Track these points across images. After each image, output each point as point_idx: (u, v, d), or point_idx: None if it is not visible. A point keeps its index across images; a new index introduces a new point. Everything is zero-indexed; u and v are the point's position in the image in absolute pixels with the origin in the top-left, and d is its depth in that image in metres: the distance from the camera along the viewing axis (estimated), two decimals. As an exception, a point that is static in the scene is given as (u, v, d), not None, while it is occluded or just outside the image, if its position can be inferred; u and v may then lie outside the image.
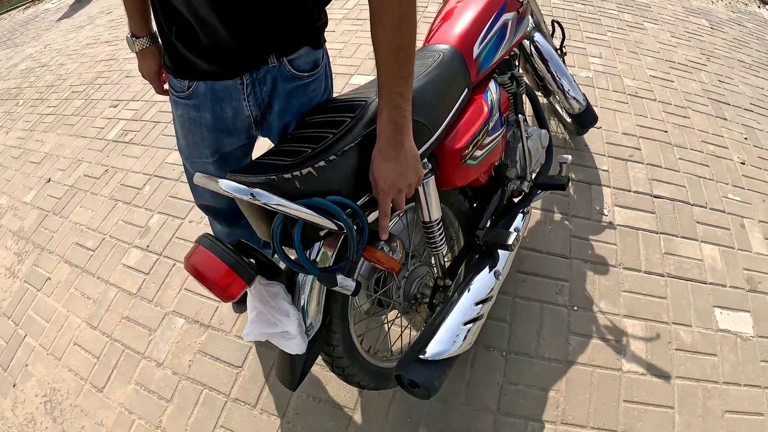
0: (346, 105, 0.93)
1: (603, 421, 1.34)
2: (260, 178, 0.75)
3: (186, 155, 1.08)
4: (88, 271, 1.91)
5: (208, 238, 0.79)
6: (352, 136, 0.84)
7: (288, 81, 0.93)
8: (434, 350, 0.97)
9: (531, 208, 1.44)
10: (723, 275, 1.68)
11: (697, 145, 2.15)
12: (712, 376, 1.45)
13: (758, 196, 1.96)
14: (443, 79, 1.05)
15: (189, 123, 0.98)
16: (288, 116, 0.98)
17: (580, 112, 1.88)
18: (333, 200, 0.79)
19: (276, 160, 0.82)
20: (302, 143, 0.85)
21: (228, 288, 0.76)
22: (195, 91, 0.92)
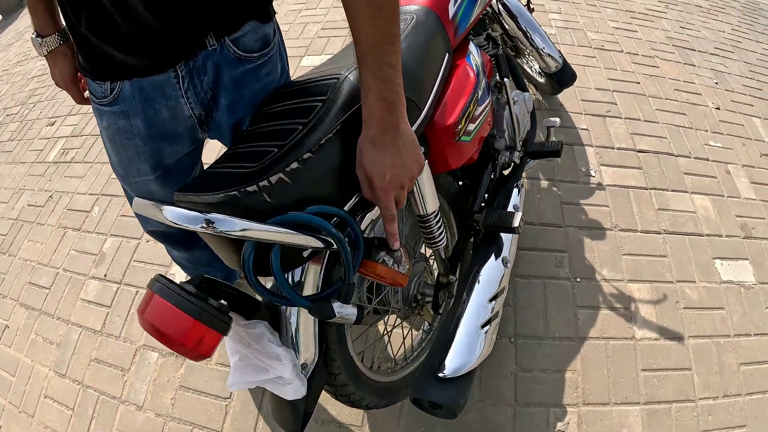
0: (313, 86, 0.74)
1: (625, 394, 1.26)
2: (217, 197, 0.57)
3: (122, 175, 0.87)
4: (47, 312, 1.68)
5: (162, 282, 0.60)
6: (327, 124, 0.65)
7: (234, 66, 0.74)
8: (454, 365, 0.83)
9: (524, 180, 1.30)
10: (717, 225, 1.62)
11: (671, 94, 2.07)
12: (722, 330, 1.39)
13: (738, 140, 1.91)
14: (423, 45, 0.87)
15: (119, 135, 0.78)
16: (240, 110, 0.79)
17: (557, 71, 1.74)
18: (315, 211, 0.62)
19: (234, 168, 0.63)
20: (264, 141, 0.67)
21: (198, 346, 0.57)
22: (120, 95, 0.72)
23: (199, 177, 0.68)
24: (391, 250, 0.70)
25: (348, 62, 0.75)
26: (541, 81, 1.92)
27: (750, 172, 1.80)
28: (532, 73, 1.95)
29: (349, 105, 0.67)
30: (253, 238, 0.57)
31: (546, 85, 1.90)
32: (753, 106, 2.09)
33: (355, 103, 0.67)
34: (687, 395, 1.27)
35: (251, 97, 0.79)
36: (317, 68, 0.85)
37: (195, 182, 0.65)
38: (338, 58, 0.88)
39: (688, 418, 1.24)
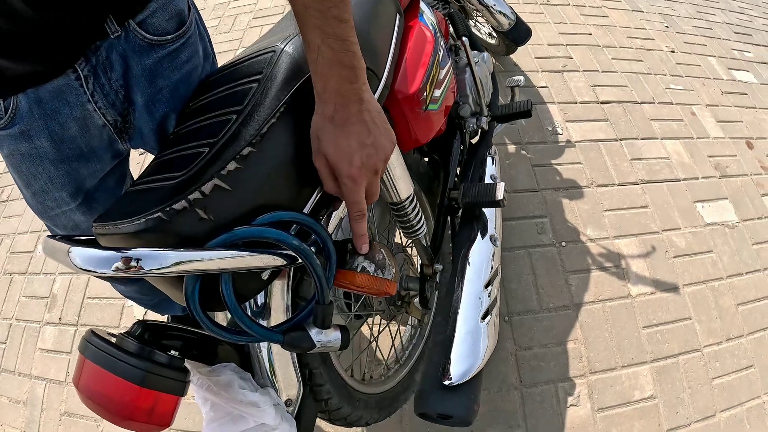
0: (244, 67, 0.58)
1: (630, 356, 1.17)
2: (136, 224, 0.42)
3: (39, 210, 0.70)
4: (6, 369, 1.48)
5: (93, 341, 0.46)
6: (267, 107, 0.50)
7: (145, 54, 0.58)
8: (460, 370, 0.70)
9: (495, 147, 1.17)
10: (692, 168, 1.54)
11: (624, 42, 1.98)
12: (715, 273, 1.31)
13: (697, 81, 1.84)
14: (370, 5, 0.72)
15: (24, 162, 0.61)
16: (160, 108, 0.62)
17: (511, 28, 1.60)
18: (266, 221, 0.47)
19: (158, 181, 0.48)
20: (193, 142, 0.51)
21: (150, 417, 0.44)
22: (16, 113, 0.56)
23: (121, 199, 0.52)
24: (369, 255, 0.55)
25: (285, 34, 0.59)
26: (492, 42, 1.78)
27: (714, 110, 1.73)
28: (482, 35, 1.81)
29: (291, 80, 0.52)
30: (192, 271, 0.42)
31: (498, 46, 1.77)
32: (706, 45, 2.03)
33: (299, 77, 0.52)
34: (692, 345, 1.19)
35: (172, 90, 0.62)
36: (248, 47, 0.68)
37: (116, 207, 0.50)
38: (272, 32, 0.71)
39: (697, 368, 1.16)
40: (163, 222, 0.42)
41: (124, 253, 0.40)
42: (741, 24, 2.30)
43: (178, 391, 0.46)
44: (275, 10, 2.33)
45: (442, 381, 0.69)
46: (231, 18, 2.43)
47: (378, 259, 0.55)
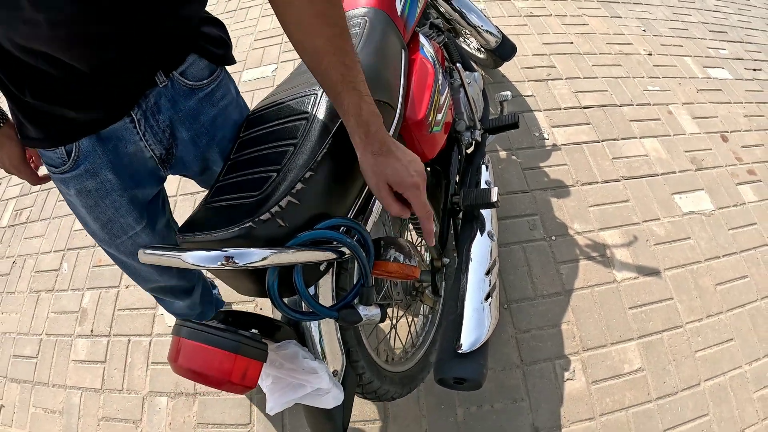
0: (291, 106, 0.75)
1: (618, 333, 1.32)
2: (231, 231, 0.57)
3: (106, 240, 0.82)
4: (40, 382, 1.61)
5: (189, 326, 0.60)
6: (317, 141, 0.67)
7: (188, 97, 0.74)
8: (470, 340, 0.87)
9: (488, 155, 1.34)
10: (670, 163, 1.71)
11: (604, 48, 2.17)
12: (694, 257, 1.48)
13: (674, 81, 2.02)
14: (382, 47, 0.90)
15: (92, 197, 0.74)
16: (203, 140, 0.78)
17: (497, 46, 1.80)
18: (326, 226, 0.63)
19: (236, 200, 0.64)
20: (257, 167, 0.67)
21: (244, 379, 0.58)
22: (80, 154, 0.69)
23: (199, 214, 0.66)
24: (397, 246, 0.72)
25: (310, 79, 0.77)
26: (481, 57, 1.97)
27: (690, 108, 1.91)
28: (472, 51, 2.00)
29: (332, 120, 0.69)
30: (276, 263, 0.57)
31: (487, 60, 1.96)
32: (682, 46, 2.22)
33: (338, 118, 0.68)
34: (674, 322, 1.35)
35: (211, 125, 0.78)
36: (283, 89, 0.86)
37: (195, 221, 0.64)
38: (294, 78, 0.89)
39: (680, 342, 1.31)
40: (252, 229, 0.57)
41: (227, 251, 0.54)
42: (716, 22, 2.50)
43: (262, 357, 0.60)
44: (275, 31, 2.52)
45: (456, 350, 0.86)
46: (233, 40, 2.61)
47: (405, 250, 0.73)
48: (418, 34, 1.14)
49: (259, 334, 0.64)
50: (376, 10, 0.98)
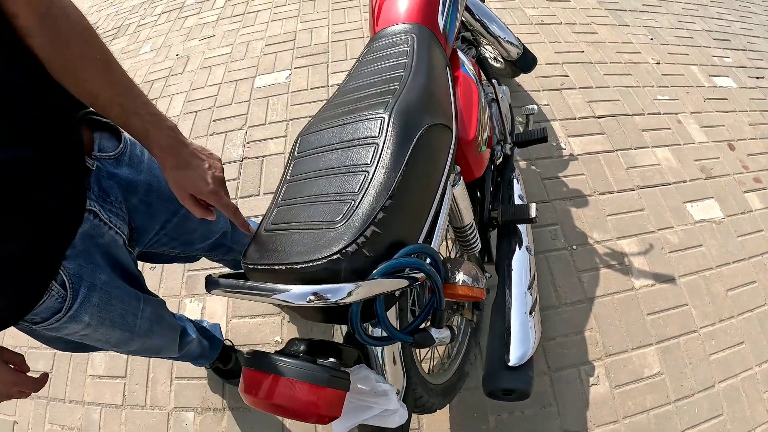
0: (354, 127, 0.78)
1: (638, 339, 1.45)
2: (318, 264, 0.59)
3: (127, 338, 0.84)
4: (56, 398, 1.63)
5: (266, 358, 0.60)
6: (392, 165, 0.69)
7: (117, 167, 0.76)
8: (518, 354, 0.97)
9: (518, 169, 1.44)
10: (680, 172, 1.84)
11: (614, 57, 2.29)
12: (705, 264, 1.61)
13: (681, 90, 2.15)
14: (433, 67, 0.94)
15: (104, 308, 0.74)
16: (153, 198, 0.82)
17: (519, 57, 1.87)
18: (409, 252, 0.66)
19: (315, 227, 0.65)
20: (330, 192, 0.69)
21: (331, 408, 0.60)
22: (73, 279, 0.68)
23: (266, 239, 0.68)
24: (464, 269, 0.78)
25: (381, 100, 0.81)
26: (498, 66, 2.06)
27: (698, 117, 2.04)
28: (490, 61, 2.09)
29: (404, 143, 0.73)
30: (364, 297, 0.58)
31: (504, 70, 2.05)
32: (688, 55, 2.35)
33: (409, 141, 0.74)
34: (690, 327, 1.47)
35: (151, 175, 0.82)
36: (336, 108, 0.88)
37: (264, 247, 0.66)
38: (350, 94, 0.91)
39: (696, 346, 1.44)
40: (340, 261, 0.59)
41: (316, 288, 0.56)
42: (720, 30, 2.64)
43: (347, 387, 0.62)
44: (286, 36, 2.59)
45: (507, 363, 0.95)
46: (243, 45, 2.67)
47: (473, 273, 0.79)
48: (456, 49, 1.20)
49: (338, 362, 0.65)
50: (420, 26, 1.02)
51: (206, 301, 1.60)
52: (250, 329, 1.52)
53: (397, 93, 0.81)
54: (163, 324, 0.95)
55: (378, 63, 0.96)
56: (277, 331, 1.51)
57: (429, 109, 0.80)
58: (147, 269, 1.74)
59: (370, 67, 0.97)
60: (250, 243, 0.71)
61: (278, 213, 0.72)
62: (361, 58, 1.03)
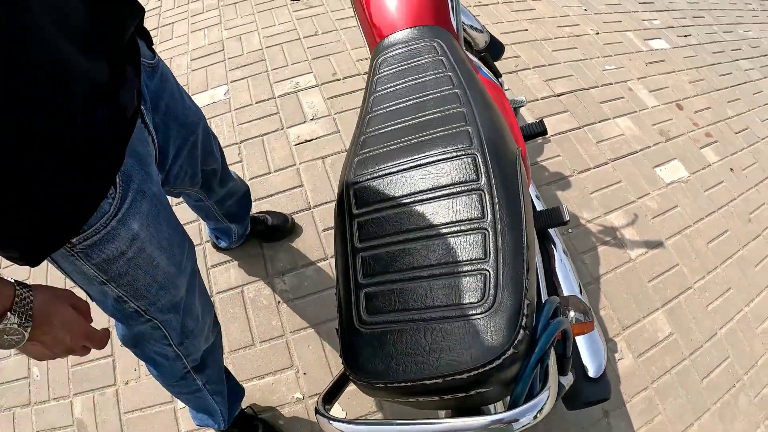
0: (447, 171, 0.72)
1: (646, 307, 1.65)
2: (470, 375, 0.54)
3: (174, 274, 0.79)
4: None
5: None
6: (513, 218, 0.64)
7: (150, 77, 0.79)
8: (596, 364, 1.02)
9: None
10: (643, 138, 2.09)
11: (556, 32, 2.50)
12: (684, 223, 1.86)
13: (624, 57, 2.41)
14: (477, 78, 0.90)
15: (153, 222, 0.70)
16: (171, 120, 0.85)
17: (486, 46, 1.95)
18: (549, 322, 0.60)
19: (434, 315, 0.59)
20: (447, 262, 0.63)
21: None
22: (124, 176, 0.64)
23: (374, 342, 0.60)
24: (577, 306, 0.73)
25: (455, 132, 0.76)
26: None
27: (645, 82, 2.31)
28: None
29: (512, 184, 0.69)
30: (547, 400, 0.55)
31: None
32: (621, 21, 2.63)
33: (514, 180, 0.70)
34: (685, 285, 1.71)
35: (171, 97, 0.85)
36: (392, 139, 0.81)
37: (376, 353, 0.59)
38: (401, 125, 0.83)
39: (694, 301, 1.68)
40: (502, 366, 0.53)
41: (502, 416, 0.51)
42: (640, -9, 2.97)
43: None
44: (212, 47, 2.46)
45: (588, 376, 1.04)
46: (167, 62, 2.50)
47: (582, 307, 0.74)
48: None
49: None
50: (439, 29, 0.99)
51: None
52: (262, 392, 1.46)
53: (469, 119, 0.77)
54: (200, 284, 0.94)
55: (412, 78, 0.91)
56: (295, 387, 1.47)
57: (507, 134, 0.77)
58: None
59: (403, 84, 0.91)
60: (348, 346, 0.62)
61: (377, 299, 0.64)
62: (378, 71, 0.98)
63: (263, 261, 1.69)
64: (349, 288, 0.67)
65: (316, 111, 2.07)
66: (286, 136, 2.00)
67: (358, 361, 0.60)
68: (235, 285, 1.66)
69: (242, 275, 1.67)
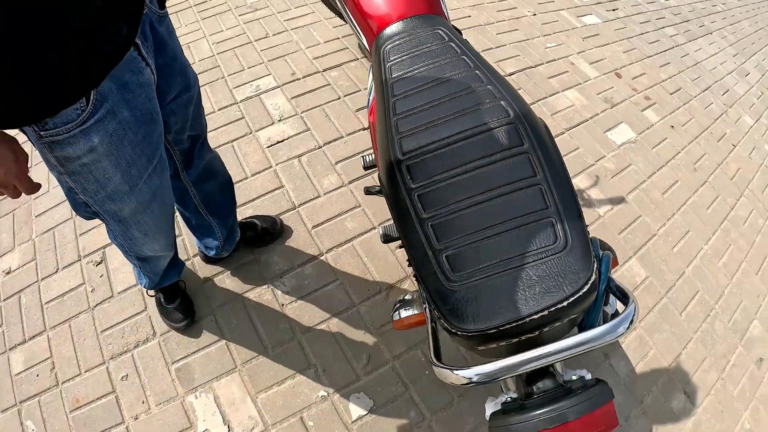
0: (489, 141, 0.81)
1: (621, 256, 1.81)
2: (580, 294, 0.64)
3: (127, 191, 0.88)
4: None
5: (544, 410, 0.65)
6: (556, 169, 0.78)
7: (159, 23, 0.87)
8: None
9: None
10: (591, 107, 2.27)
11: (497, 15, 2.65)
12: (639, 179, 2.05)
13: (563, 35, 2.60)
14: (483, 57, 0.98)
15: (115, 141, 0.78)
16: (175, 67, 0.94)
17: None
18: (601, 254, 0.75)
19: (524, 260, 0.68)
20: (516, 216, 0.73)
21: (615, 417, 0.67)
22: (99, 96, 0.72)
23: (470, 295, 0.68)
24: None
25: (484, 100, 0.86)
26: None
27: (585, 55, 2.51)
28: None
29: (550, 143, 0.81)
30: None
31: None
32: (554, 1, 2.82)
33: (550, 139, 0.83)
34: (651, 232, 1.90)
35: (176, 47, 0.94)
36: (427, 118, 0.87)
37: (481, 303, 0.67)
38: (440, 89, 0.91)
39: (660, 246, 1.86)
40: (577, 301, 0.65)
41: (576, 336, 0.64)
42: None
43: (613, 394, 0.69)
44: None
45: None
46: None
47: (608, 247, 0.87)
48: None
49: (589, 379, 0.73)
50: (435, 17, 1.08)
51: (216, 389, 1.47)
52: (285, 397, 1.45)
53: (498, 96, 0.86)
54: (164, 210, 1.04)
55: (427, 63, 0.98)
56: (317, 386, 1.47)
57: (531, 108, 0.87)
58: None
59: (420, 68, 0.97)
60: (446, 306, 0.68)
61: (459, 259, 0.71)
62: (388, 58, 1.03)
63: (258, 267, 1.68)
64: (426, 256, 0.72)
65: (283, 112, 2.07)
66: (257, 139, 1.98)
67: (464, 317, 0.66)
68: (234, 296, 1.63)
69: (239, 284, 1.65)
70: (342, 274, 1.66)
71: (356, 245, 1.72)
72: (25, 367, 1.63)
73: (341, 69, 2.23)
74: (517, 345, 0.69)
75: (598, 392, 0.67)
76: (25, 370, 1.64)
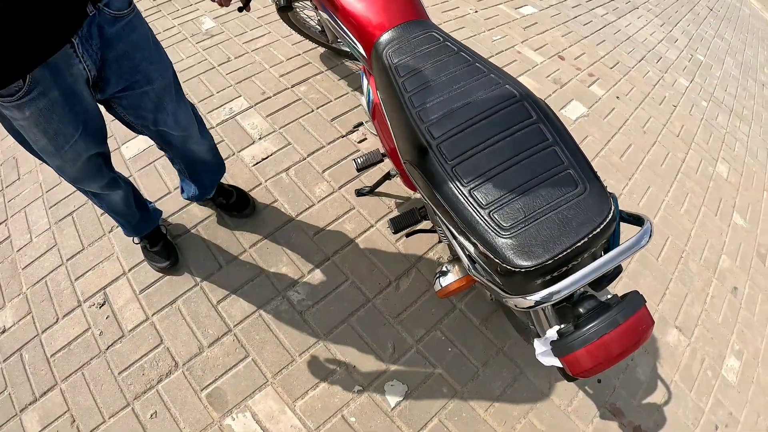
0: (501, 117, 0.97)
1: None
2: (605, 224, 0.83)
3: (53, 152, 1.09)
4: None
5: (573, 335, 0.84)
6: (563, 130, 0.94)
7: (111, 24, 0.99)
8: None
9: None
10: (543, 89, 2.47)
11: (442, 16, 2.82)
12: (597, 147, 2.26)
13: (505, 27, 2.81)
14: (474, 51, 1.15)
15: (43, 115, 0.99)
16: (125, 63, 1.06)
17: None
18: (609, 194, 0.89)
19: (557, 204, 0.84)
20: (541, 174, 0.88)
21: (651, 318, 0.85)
22: (33, 80, 0.92)
23: (523, 240, 0.83)
24: None
25: (486, 79, 1.02)
26: None
27: (528, 44, 2.72)
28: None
29: (552, 114, 0.96)
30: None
31: None
32: (493, -2, 3.04)
33: (551, 110, 0.97)
34: (617, 193, 2.09)
35: (132, 46, 1.06)
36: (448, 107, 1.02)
37: (531, 245, 0.82)
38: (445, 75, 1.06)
39: (626, 202, 2.06)
40: (611, 221, 0.84)
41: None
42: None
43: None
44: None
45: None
46: None
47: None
48: None
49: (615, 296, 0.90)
50: (424, 21, 1.23)
51: (252, 406, 1.50)
52: (322, 400, 1.50)
53: (502, 81, 1.02)
54: (91, 164, 1.23)
55: (430, 61, 1.12)
56: (351, 383, 1.52)
57: (527, 87, 1.02)
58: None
59: (426, 66, 1.11)
60: (506, 252, 0.83)
61: (505, 215, 0.86)
62: (392, 60, 1.16)
63: (269, 280, 1.72)
64: (475, 216, 0.87)
65: (261, 130, 2.12)
66: (241, 159, 2.03)
67: (526, 256, 0.81)
68: (250, 312, 1.66)
69: (254, 300, 1.68)
70: (351, 273, 1.73)
71: (359, 244, 1.80)
72: (41, 426, 1.57)
73: (309, 83, 2.31)
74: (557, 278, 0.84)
75: (635, 299, 0.84)
76: (42, 429, 1.58)
